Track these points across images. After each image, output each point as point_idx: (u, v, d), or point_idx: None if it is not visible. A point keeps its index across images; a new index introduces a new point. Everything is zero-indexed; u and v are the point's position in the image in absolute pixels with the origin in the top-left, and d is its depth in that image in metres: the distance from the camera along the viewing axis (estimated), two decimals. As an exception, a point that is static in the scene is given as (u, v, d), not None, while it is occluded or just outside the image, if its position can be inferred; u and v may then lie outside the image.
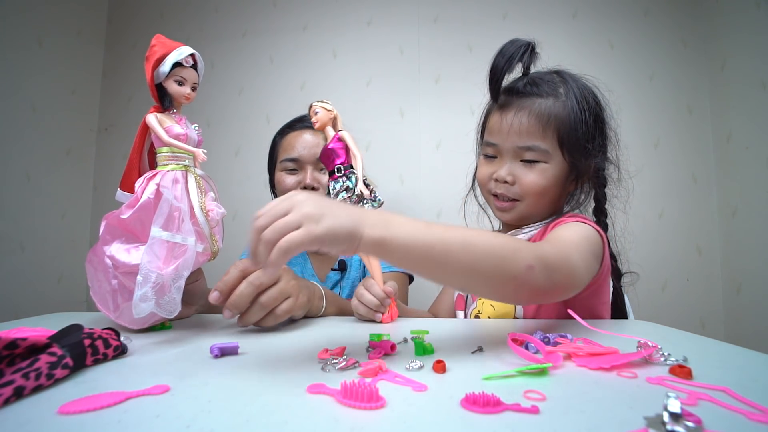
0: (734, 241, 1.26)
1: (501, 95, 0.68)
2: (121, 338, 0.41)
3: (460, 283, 0.42)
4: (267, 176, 1.49)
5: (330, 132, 0.61)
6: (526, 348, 0.40)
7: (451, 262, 0.39)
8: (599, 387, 0.31)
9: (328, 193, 0.62)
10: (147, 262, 0.47)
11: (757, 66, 1.19)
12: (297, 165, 0.95)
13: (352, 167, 0.60)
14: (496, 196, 0.69)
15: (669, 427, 0.22)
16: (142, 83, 0.54)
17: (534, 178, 0.65)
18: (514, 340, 0.40)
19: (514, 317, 0.65)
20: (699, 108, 1.36)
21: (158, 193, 0.50)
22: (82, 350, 0.36)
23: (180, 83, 0.53)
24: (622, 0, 1.41)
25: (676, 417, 0.23)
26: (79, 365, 0.35)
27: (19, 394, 0.29)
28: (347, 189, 0.59)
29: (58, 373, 0.32)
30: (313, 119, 0.60)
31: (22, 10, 1.41)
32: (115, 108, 1.66)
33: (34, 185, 1.44)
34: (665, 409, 0.23)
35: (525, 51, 0.64)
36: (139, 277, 0.46)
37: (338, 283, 0.98)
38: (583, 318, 0.61)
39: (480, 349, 0.42)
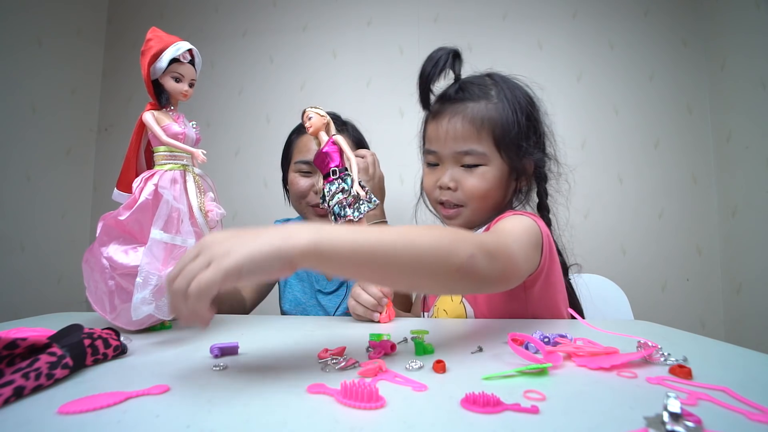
0: (734, 241, 1.26)
1: (435, 103, 0.69)
2: (121, 338, 0.41)
3: (405, 282, 0.41)
4: (266, 175, 1.50)
5: (323, 137, 0.62)
6: (526, 348, 0.40)
7: (395, 261, 0.38)
8: (599, 387, 0.31)
9: (323, 196, 0.62)
10: (146, 263, 0.46)
11: (757, 65, 1.19)
12: (311, 168, 0.94)
13: (346, 170, 0.61)
14: (442, 204, 0.70)
15: (669, 427, 0.22)
16: (142, 83, 0.53)
17: (475, 182, 0.66)
18: (514, 340, 0.40)
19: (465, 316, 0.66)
20: (699, 108, 1.36)
21: (156, 194, 0.49)
22: (82, 350, 0.36)
23: (177, 80, 0.52)
24: (622, 0, 1.41)
25: (676, 417, 0.23)
26: (78, 365, 0.35)
27: (19, 394, 0.29)
28: (343, 190, 0.60)
29: (58, 373, 0.32)
30: (307, 124, 0.62)
31: (22, 10, 1.41)
32: (115, 108, 1.66)
33: (34, 185, 1.44)
34: (665, 409, 0.23)
35: (448, 58, 0.65)
36: (138, 279, 0.46)
37: (344, 283, 0.98)
38: (545, 311, 0.63)
39: (480, 349, 0.42)
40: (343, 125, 0.98)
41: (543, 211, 0.71)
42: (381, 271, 0.39)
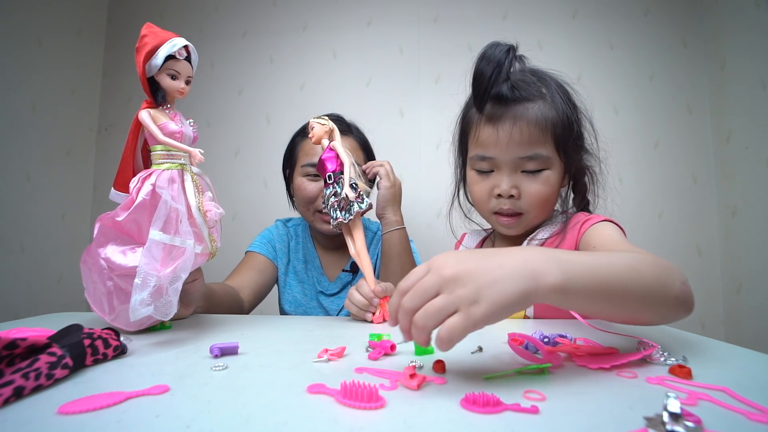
0: (734, 241, 1.26)
1: (486, 104, 0.63)
2: (121, 338, 0.41)
3: (631, 314, 0.38)
4: (266, 175, 1.50)
5: (325, 143, 0.64)
6: (526, 348, 0.40)
7: (627, 294, 0.36)
8: (599, 387, 0.31)
9: (324, 201, 0.64)
10: (145, 264, 0.46)
11: (756, 66, 1.19)
12: None
13: (342, 173, 0.62)
14: (498, 213, 0.66)
15: (669, 427, 0.22)
16: (141, 82, 0.53)
17: (538, 188, 0.63)
18: (514, 340, 0.40)
19: (525, 316, 0.64)
20: (699, 108, 1.36)
21: (154, 194, 0.48)
22: (82, 350, 0.36)
23: (173, 77, 0.50)
24: (622, 0, 1.41)
25: (676, 417, 0.23)
26: (78, 365, 0.35)
27: (18, 394, 0.29)
28: (336, 194, 0.61)
29: (58, 373, 0.32)
30: (310, 134, 0.64)
31: (22, 10, 1.41)
32: (115, 108, 1.66)
33: (34, 185, 1.44)
34: (665, 409, 0.23)
35: (512, 56, 0.60)
36: (137, 280, 0.45)
37: (349, 283, 0.98)
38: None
39: (480, 349, 0.42)
40: (347, 128, 0.97)
41: (585, 206, 0.70)
42: (612, 305, 0.37)
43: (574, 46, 1.41)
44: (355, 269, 0.97)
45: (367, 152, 0.99)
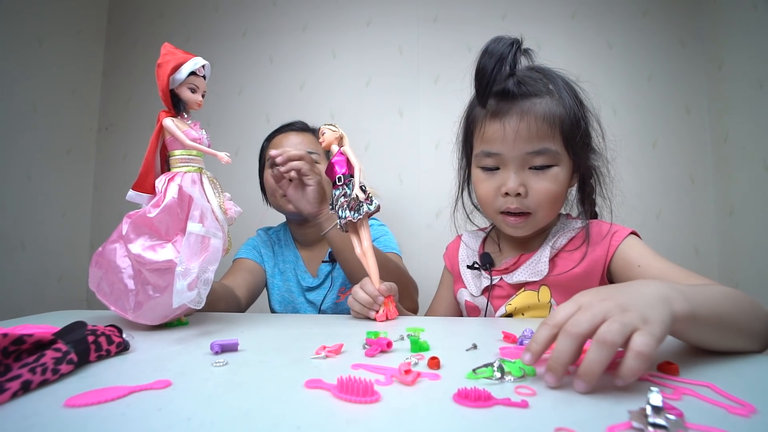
0: (731, 241, 1.27)
1: (491, 101, 0.62)
2: (124, 335, 0.42)
3: (734, 343, 0.40)
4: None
5: (334, 149, 0.66)
6: (521, 344, 0.41)
7: (730, 324, 0.38)
8: (588, 383, 0.32)
9: (332, 203, 0.65)
10: (186, 255, 0.50)
11: (754, 66, 1.20)
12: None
13: (352, 176, 0.65)
14: (505, 212, 0.64)
15: (651, 419, 0.23)
16: (142, 83, 0.55)
17: (547, 185, 0.61)
18: (507, 338, 0.41)
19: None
20: (697, 108, 1.36)
21: (181, 193, 0.53)
22: (86, 346, 0.37)
23: (193, 90, 0.57)
24: (621, 0, 1.42)
25: (658, 410, 0.24)
26: (83, 361, 0.36)
27: (26, 388, 0.30)
28: (345, 195, 0.64)
29: (63, 368, 0.33)
30: (320, 139, 0.66)
31: (22, 10, 1.41)
32: (115, 107, 1.67)
33: (34, 185, 1.45)
34: (648, 402, 0.24)
35: (515, 49, 0.59)
36: (179, 269, 0.49)
37: (330, 273, 0.99)
38: None
39: (474, 347, 0.42)
40: None
41: (590, 206, 0.69)
42: (725, 334, 0.39)
43: (572, 46, 1.42)
44: (333, 258, 0.99)
45: None
